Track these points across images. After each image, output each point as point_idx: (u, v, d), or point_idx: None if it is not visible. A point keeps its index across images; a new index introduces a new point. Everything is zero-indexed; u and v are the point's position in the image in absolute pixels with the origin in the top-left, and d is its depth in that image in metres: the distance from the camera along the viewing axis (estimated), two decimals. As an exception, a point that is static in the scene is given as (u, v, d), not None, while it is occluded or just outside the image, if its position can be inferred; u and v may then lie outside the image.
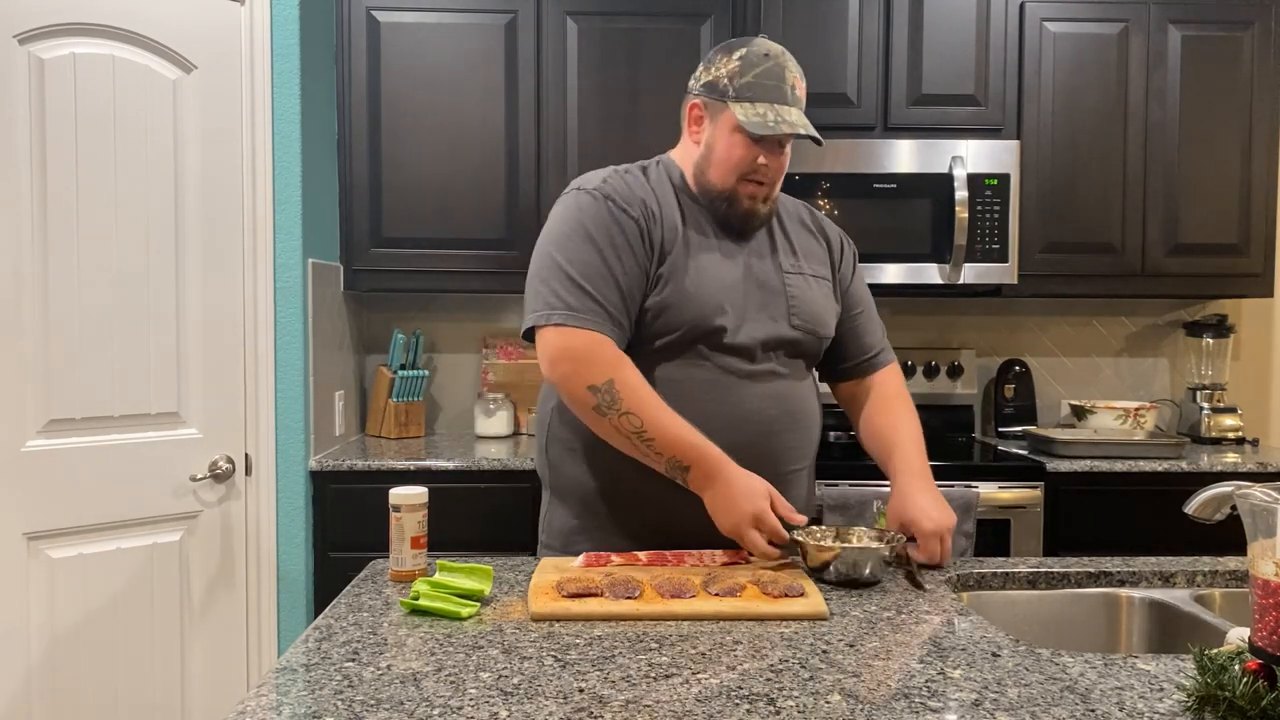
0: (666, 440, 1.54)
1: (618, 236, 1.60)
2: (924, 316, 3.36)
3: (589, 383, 1.55)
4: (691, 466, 1.55)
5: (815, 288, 1.74)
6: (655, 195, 1.67)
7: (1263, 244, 3.02)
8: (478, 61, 2.93)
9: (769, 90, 1.62)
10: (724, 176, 1.66)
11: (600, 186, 1.65)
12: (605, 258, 1.58)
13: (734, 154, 1.64)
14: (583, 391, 1.55)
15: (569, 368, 1.56)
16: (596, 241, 1.59)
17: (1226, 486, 1.31)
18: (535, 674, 1.13)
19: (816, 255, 1.79)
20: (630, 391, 1.54)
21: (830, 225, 1.87)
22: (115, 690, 2.29)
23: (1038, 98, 2.97)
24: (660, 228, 1.64)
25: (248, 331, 2.52)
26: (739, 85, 1.63)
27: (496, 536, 2.59)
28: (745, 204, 1.67)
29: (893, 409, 1.81)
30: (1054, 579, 1.63)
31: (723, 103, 1.65)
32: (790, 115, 1.63)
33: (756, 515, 1.52)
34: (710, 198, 1.69)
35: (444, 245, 2.94)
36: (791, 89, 1.64)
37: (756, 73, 1.63)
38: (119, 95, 2.28)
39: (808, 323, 1.71)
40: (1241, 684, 0.96)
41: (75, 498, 2.23)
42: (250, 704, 1.05)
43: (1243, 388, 3.37)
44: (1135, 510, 2.70)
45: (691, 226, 1.68)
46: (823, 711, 1.02)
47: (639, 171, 1.72)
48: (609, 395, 1.54)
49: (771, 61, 1.64)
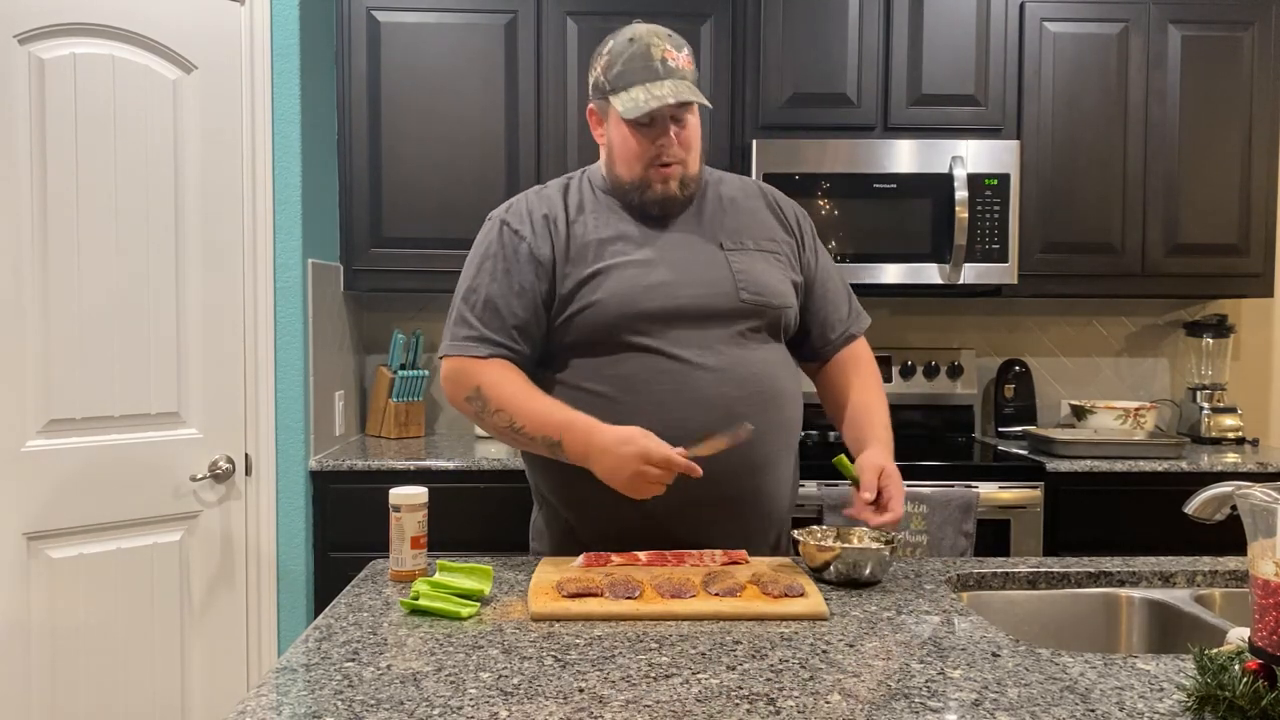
0: (535, 423, 1.60)
1: (504, 259, 1.68)
2: (924, 316, 3.36)
3: (463, 395, 1.67)
4: (562, 438, 1.58)
5: (761, 260, 1.73)
6: (567, 206, 1.71)
7: (1263, 244, 3.02)
8: (478, 61, 2.93)
9: (637, 72, 1.63)
10: (629, 168, 1.68)
11: (503, 212, 1.74)
12: (488, 283, 1.68)
13: (628, 145, 1.66)
14: (463, 404, 1.68)
15: (449, 389, 1.70)
16: (484, 267, 1.70)
17: (1226, 486, 1.31)
18: (535, 674, 1.13)
19: (766, 229, 1.77)
20: (494, 390, 1.63)
21: (784, 199, 1.85)
22: (115, 690, 2.29)
23: (1038, 98, 2.97)
24: (564, 238, 1.68)
25: (248, 331, 2.52)
26: (612, 77, 1.65)
27: (496, 536, 2.59)
28: (658, 189, 1.68)
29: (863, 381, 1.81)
30: (1054, 579, 1.63)
31: (605, 99, 1.67)
32: (661, 89, 1.61)
33: (640, 454, 1.51)
34: (624, 191, 1.70)
35: (444, 245, 2.94)
36: (662, 62, 1.63)
37: (624, 59, 1.64)
38: (119, 95, 2.28)
39: (759, 294, 1.69)
40: (1241, 684, 0.96)
41: (75, 498, 2.23)
42: (250, 704, 1.05)
43: (1243, 388, 3.37)
44: (1135, 510, 2.70)
45: (613, 225, 1.69)
46: (823, 711, 1.02)
47: (558, 186, 1.77)
48: (479, 400, 1.65)
49: (636, 44, 1.64)
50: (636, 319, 1.63)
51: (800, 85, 2.94)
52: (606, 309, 1.63)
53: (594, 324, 1.64)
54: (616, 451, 1.53)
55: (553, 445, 1.59)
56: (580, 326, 1.65)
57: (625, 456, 1.52)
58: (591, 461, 1.56)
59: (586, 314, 1.64)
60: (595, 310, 1.63)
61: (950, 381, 3.25)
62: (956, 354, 3.26)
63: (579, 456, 1.58)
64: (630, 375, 1.62)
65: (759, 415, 1.64)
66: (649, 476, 1.52)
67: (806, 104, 2.94)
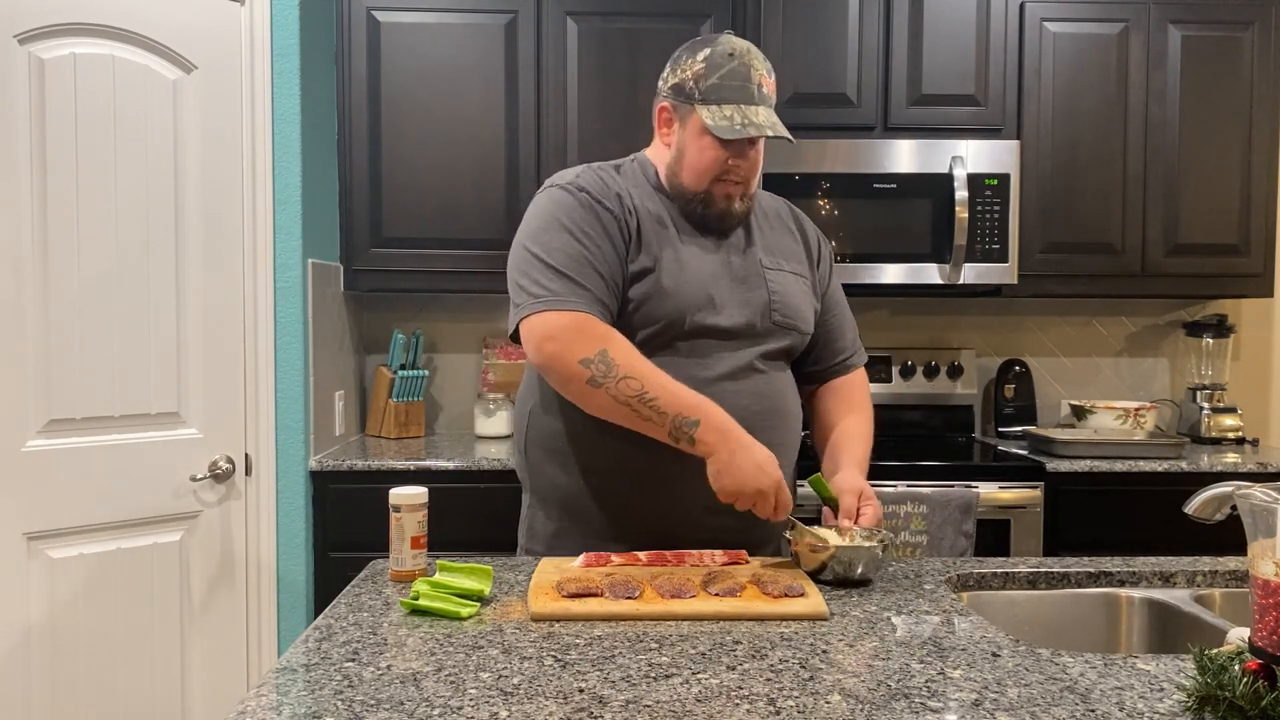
0: (670, 397, 1.52)
1: (592, 226, 1.60)
2: (924, 316, 3.36)
3: (580, 356, 1.52)
4: (701, 420, 1.51)
5: (795, 284, 1.74)
6: (629, 190, 1.67)
7: (1263, 244, 3.02)
8: (478, 61, 2.93)
9: (735, 91, 1.61)
10: (696, 179, 1.66)
11: (573, 181, 1.66)
12: (583, 245, 1.58)
13: (704, 157, 1.64)
14: (574, 366, 1.53)
15: (557, 346, 1.54)
16: (572, 231, 1.59)
17: (1226, 486, 1.31)
18: (535, 674, 1.13)
19: (795, 253, 1.78)
20: (626, 356, 1.53)
21: (809, 223, 1.86)
22: (115, 690, 2.29)
23: (1038, 98, 2.97)
24: (636, 219, 1.64)
25: (248, 331, 2.52)
26: (704, 87, 1.62)
27: (496, 536, 2.58)
28: (720, 204, 1.67)
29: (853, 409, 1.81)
30: (1054, 579, 1.63)
31: (690, 105, 1.64)
32: (757, 116, 1.61)
33: (779, 482, 1.52)
34: (685, 199, 1.68)
35: (444, 245, 2.94)
36: (759, 88, 1.62)
37: (722, 74, 1.61)
38: (119, 95, 2.28)
39: (789, 318, 1.70)
40: (1241, 684, 0.96)
41: (75, 498, 2.23)
42: (250, 704, 1.05)
43: (1243, 388, 3.37)
44: (1135, 510, 2.70)
45: (669, 227, 1.68)
46: (823, 711, 1.02)
47: (612, 169, 1.73)
48: (603, 364, 1.52)
49: (736, 61, 1.62)
50: (679, 320, 1.62)
51: (800, 85, 2.94)
52: (658, 310, 1.61)
53: (640, 314, 1.62)
54: (761, 463, 1.52)
55: (684, 424, 1.51)
56: (627, 317, 1.62)
57: (768, 473, 1.52)
58: (724, 452, 1.51)
59: (639, 302, 1.62)
60: (647, 308, 1.62)
61: (950, 381, 3.25)
62: (956, 354, 3.26)
63: (709, 442, 1.52)
64: None
65: (770, 432, 1.64)
66: (765, 499, 1.52)
67: (806, 104, 2.94)
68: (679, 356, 1.63)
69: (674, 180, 1.69)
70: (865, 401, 1.85)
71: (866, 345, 1.96)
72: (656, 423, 1.53)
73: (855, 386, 1.85)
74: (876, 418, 1.86)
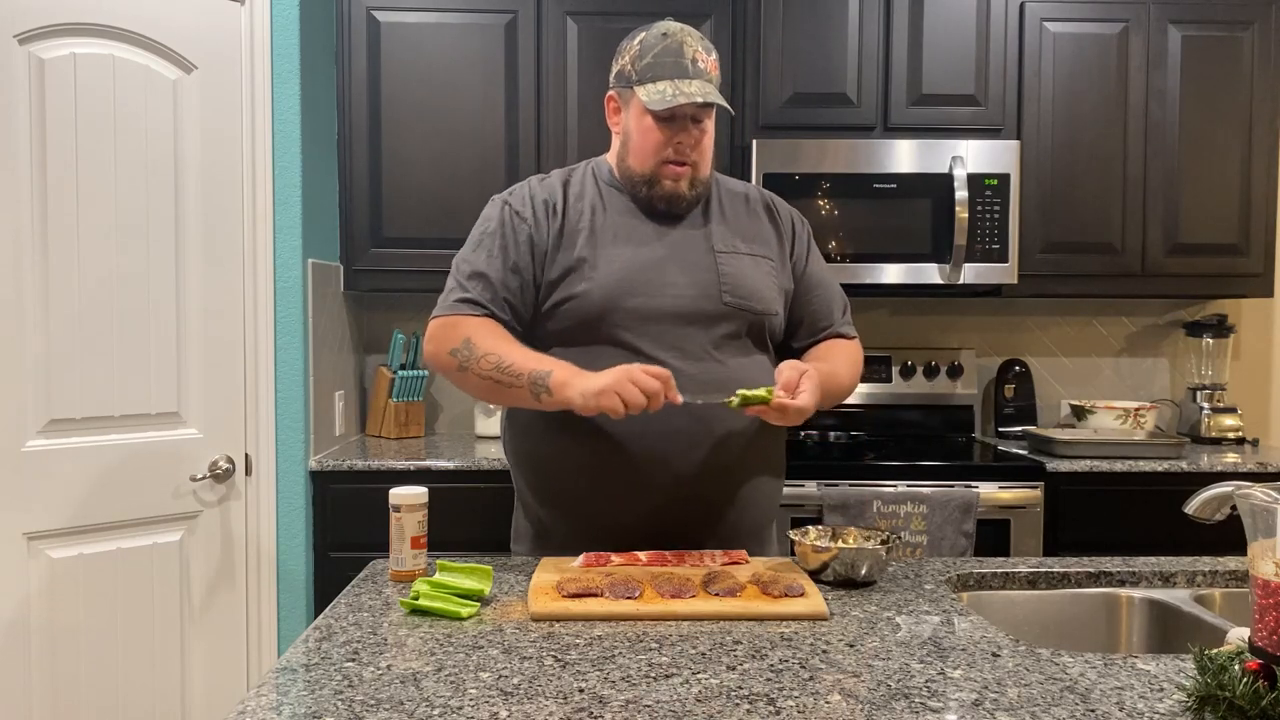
0: (526, 359, 1.59)
1: (501, 237, 1.69)
2: (924, 316, 3.36)
3: (449, 348, 1.65)
4: (552, 369, 1.56)
5: (751, 265, 1.73)
6: (567, 193, 1.72)
7: (1263, 244, 3.02)
8: (478, 61, 2.93)
9: (668, 67, 1.63)
10: (643, 160, 1.69)
11: (506, 195, 1.76)
12: (485, 259, 1.69)
13: (647, 137, 1.67)
14: (445, 358, 1.65)
15: (433, 345, 1.68)
16: (482, 244, 1.71)
17: (1226, 486, 1.31)
18: (535, 674, 1.13)
19: (759, 235, 1.77)
20: (485, 339, 1.63)
21: (782, 206, 1.85)
22: (115, 690, 2.29)
23: (1038, 98, 2.97)
24: (559, 224, 1.69)
25: (248, 331, 2.52)
26: (640, 68, 1.65)
27: (497, 536, 2.57)
28: (667, 185, 1.68)
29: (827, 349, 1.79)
30: (1054, 579, 1.63)
31: (629, 89, 1.68)
32: (690, 87, 1.62)
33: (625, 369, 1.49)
34: (633, 183, 1.71)
35: (444, 245, 2.91)
36: (693, 62, 1.64)
37: (655, 52, 1.64)
38: (119, 95, 2.28)
39: (742, 299, 1.69)
40: (1241, 684, 0.96)
41: (75, 498, 2.23)
42: (250, 704, 1.05)
43: (1243, 388, 3.36)
44: (1135, 510, 2.70)
45: (612, 217, 1.70)
46: (823, 711, 1.02)
47: (561, 174, 1.79)
48: (466, 350, 1.63)
49: (669, 39, 1.65)
50: (617, 314, 1.63)
51: (800, 85, 2.94)
52: (590, 301, 1.64)
53: (576, 315, 1.65)
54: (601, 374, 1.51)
55: (539, 378, 1.55)
56: (563, 316, 1.66)
57: (607, 375, 1.50)
58: (575, 385, 1.52)
59: (570, 304, 1.65)
60: (579, 301, 1.64)
61: (950, 381, 3.25)
62: (956, 354, 3.26)
63: (561, 382, 1.54)
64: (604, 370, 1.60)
65: (732, 419, 1.63)
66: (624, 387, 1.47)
67: (806, 104, 2.94)
68: (622, 348, 1.63)
69: (623, 166, 1.73)
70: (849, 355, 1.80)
71: (866, 345, 1.94)
72: (518, 385, 1.58)
73: (844, 345, 1.82)
74: (877, 418, 1.85)
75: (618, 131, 1.74)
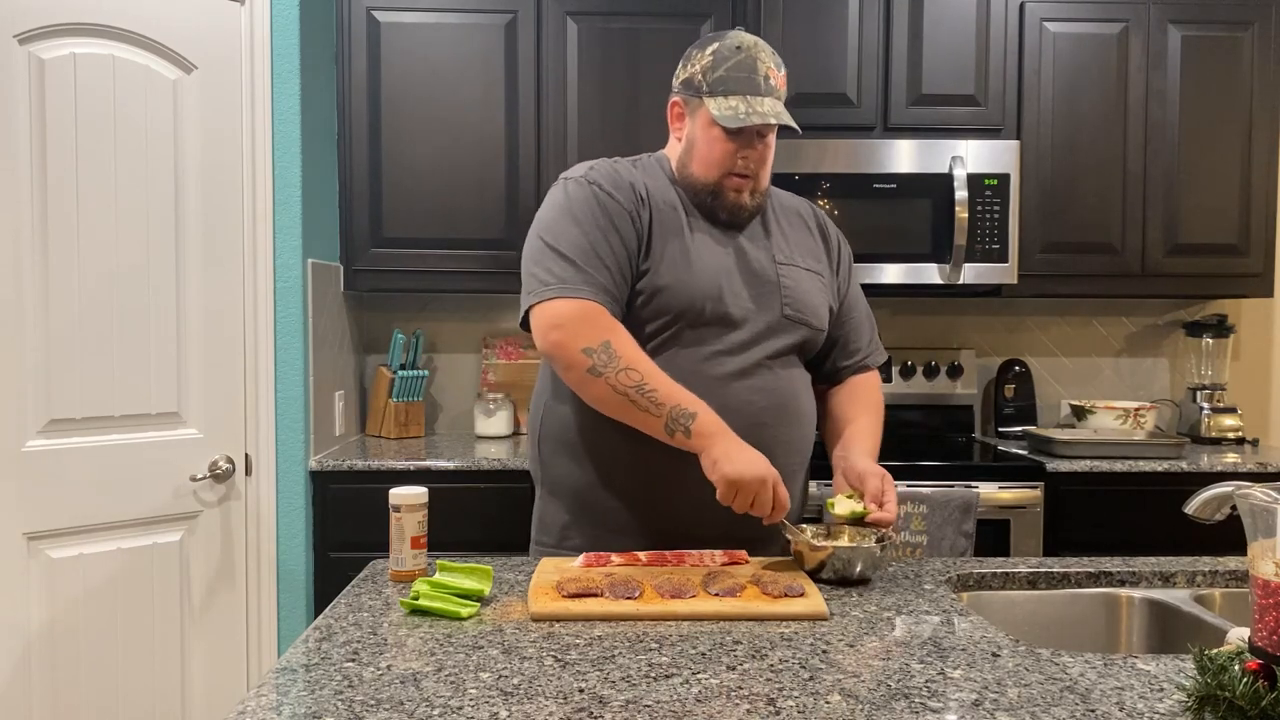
0: (668, 391, 1.54)
1: (603, 218, 1.62)
2: (924, 316, 3.36)
3: (583, 345, 1.55)
4: (699, 414, 1.53)
5: (809, 280, 1.75)
6: (645, 181, 1.70)
7: (1263, 244, 3.02)
8: (478, 61, 2.93)
9: (741, 83, 1.63)
10: (706, 171, 1.68)
11: (586, 174, 1.68)
12: (591, 237, 1.60)
13: (713, 148, 1.66)
14: (577, 355, 1.55)
15: (561, 334, 1.56)
16: (582, 223, 1.61)
17: (1226, 486, 1.31)
18: (535, 674, 1.13)
19: (812, 251, 1.80)
20: (628, 349, 1.56)
21: (830, 225, 1.88)
22: (115, 690, 2.29)
23: (1038, 98, 2.97)
24: (649, 210, 1.66)
25: (248, 331, 2.52)
26: (712, 80, 1.65)
27: (496, 536, 2.59)
28: (730, 196, 1.68)
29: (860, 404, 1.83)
30: (1054, 579, 1.63)
31: (698, 98, 1.67)
32: (762, 106, 1.63)
33: (772, 477, 1.52)
34: (695, 191, 1.70)
35: (444, 245, 2.94)
36: (765, 79, 1.64)
37: (728, 66, 1.64)
38: (119, 95, 2.28)
39: (800, 313, 1.71)
40: (1241, 684, 0.96)
41: (75, 498, 2.23)
42: (250, 704, 1.05)
43: (1243, 388, 3.37)
44: (1135, 510, 2.70)
45: (687, 217, 1.70)
46: (823, 711, 1.02)
47: (628, 162, 1.75)
48: (605, 354, 1.54)
49: (744, 54, 1.64)
50: (690, 312, 1.63)
51: (800, 85, 2.93)
52: (674, 296, 1.62)
53: (652, 306, 1.63)
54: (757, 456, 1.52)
55: (681, 416, 1.53)
56: (638, 305, 1.64)
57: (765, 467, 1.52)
58: (720, 445, 1.52)
59: (650, 295, 1.63)
60: (661, 294, 1.63)
61: (950, 381, 3.25)
62: (956, 354, 3.26)
63: (706, 434, 1.53)
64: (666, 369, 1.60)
65: (780, 429, 1.66)
66: (763, 492, 1.52)
67: (806, 104, 2.94)
68: (687, 349, 1.64)
69: (685, 173, 1.71)
70: (878, 401, 1.86)
71: (867, 345, 1.96)
72: (653, 414, 1.54)
73: (869, 386, 1.87)
74: None
75: (679, 137, 1.73)
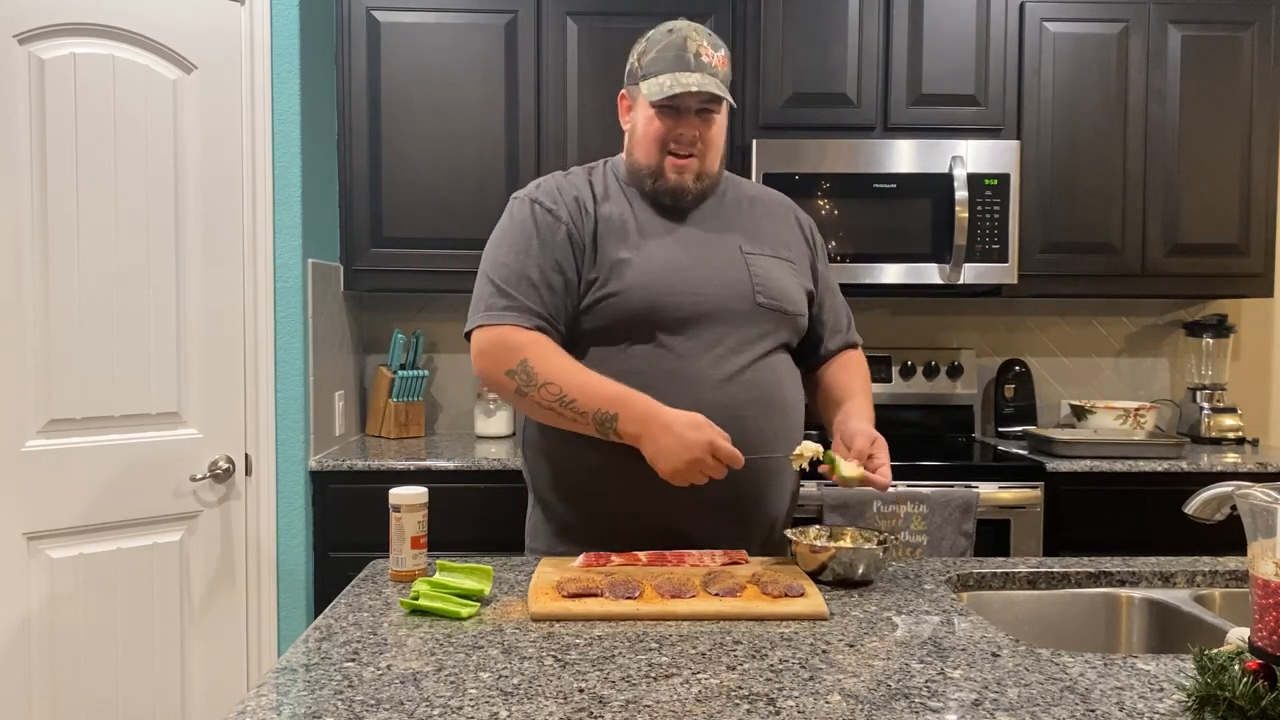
0: (588, 396, 1.57)
1: (536, 238, 1.66)
2: (924, 316, 3.36)
3: (505, 368, 1.61)
4: (619, 413, 1.55)
5: (779, 268, 1.75)
6: (594, 191, 1.72)
7: (1263, 244, 3.02)
8: (478, 61, 2.93)
9: (670, 61, 1.66)
10: (647, 152, 1.70)
11: (530, 191, 1.73)
12: (523, 260, 1.65)
13: (650, 128, 1.69)
14: (502, 378, 1.62)
15: (485, 361, 1.64)
16: (516, 245, 1.67)
17: (1226, 486, 1.31)
18: (535, 674, 1.13)
19: (782, 240, 1.80)
20: (544, 364, 1.59)
21: (803, 214, 1.89)
22: (115, 690, 2.29)
23: (1038, 98, 2.97)
24: (593, 220, 1.68)
25: (248, 331, 2.52)
26: (646, 63, 1.69)
27: (496, 536, 2.59)
28: (671, 178, 1.69)
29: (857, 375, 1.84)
30: (1054, 579, 1.63)
31: (636, 85, 1.70)
32: (688, 79, 1.64)
33: (709, 443, 1.51)
34: (639, 176, 1.72)
35: (444, 245, 2.94)
36: (695, 56, 1.66)
37: (659, 48, 1.68)
38: (119, 95, 2.28)
39: (775, 299, 1.71)
40: (1241, 684, 0.96)
41: (75, 498, 2.23)
42: (250, 704, 1.05)
43: (1243, 388, 3.36)
44: (1135, 510, 2.70)
45: (640, 216, 1.71)
46: (823, 711, 1.02)
47: (583, 172, 1.78)
48: (525, 374, 1.60)
49: (674, 35, 1.68)
50: (656, 313, 1.64)
51: (800, 85, 2.94)
52: (630, 300, 1.63)
53: (614, 314, 1.64)
54: (682, 434, 1.52)
55: (605, 420, 1.56)
56: (600, 314, 1.65)
57: (691, 442, 1.52)
58: (648, 439, 1.54)
59: (609, 303, 1.64)
60: (618, 300, 1.64)
61: (950, 381, 3.25)
62: (956, 354, 3.26)
63: (633, 433, 1.55)
64: (638, 370, 1.62)
65: (763, 421, 1.65)
66: (705, 466, 1.52)
67: (806, 104, 2.94)
68: (660, 349, 1.64)
69: (630, 160, 1.74)
70: (865, 370, 1.88)
71: (866, 345, 1.98)
72: (581, 423, 1.58)
73: (860, 361, 1.89)
74: (877, 417, 1.86)
75: (627, 128, 1.76)
